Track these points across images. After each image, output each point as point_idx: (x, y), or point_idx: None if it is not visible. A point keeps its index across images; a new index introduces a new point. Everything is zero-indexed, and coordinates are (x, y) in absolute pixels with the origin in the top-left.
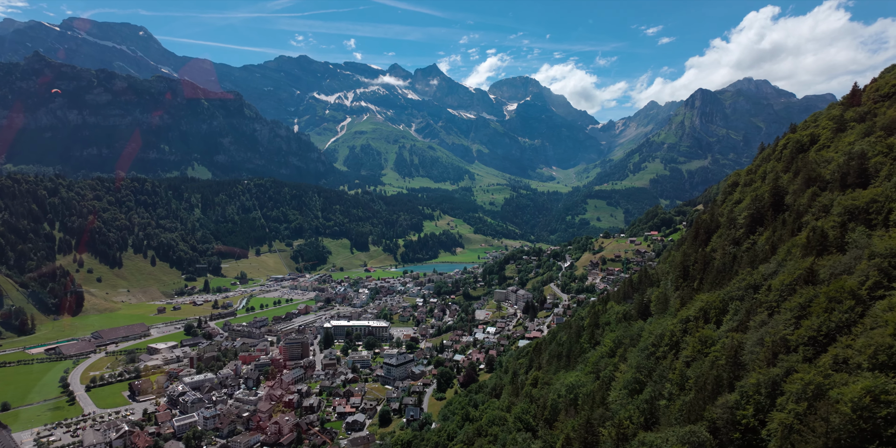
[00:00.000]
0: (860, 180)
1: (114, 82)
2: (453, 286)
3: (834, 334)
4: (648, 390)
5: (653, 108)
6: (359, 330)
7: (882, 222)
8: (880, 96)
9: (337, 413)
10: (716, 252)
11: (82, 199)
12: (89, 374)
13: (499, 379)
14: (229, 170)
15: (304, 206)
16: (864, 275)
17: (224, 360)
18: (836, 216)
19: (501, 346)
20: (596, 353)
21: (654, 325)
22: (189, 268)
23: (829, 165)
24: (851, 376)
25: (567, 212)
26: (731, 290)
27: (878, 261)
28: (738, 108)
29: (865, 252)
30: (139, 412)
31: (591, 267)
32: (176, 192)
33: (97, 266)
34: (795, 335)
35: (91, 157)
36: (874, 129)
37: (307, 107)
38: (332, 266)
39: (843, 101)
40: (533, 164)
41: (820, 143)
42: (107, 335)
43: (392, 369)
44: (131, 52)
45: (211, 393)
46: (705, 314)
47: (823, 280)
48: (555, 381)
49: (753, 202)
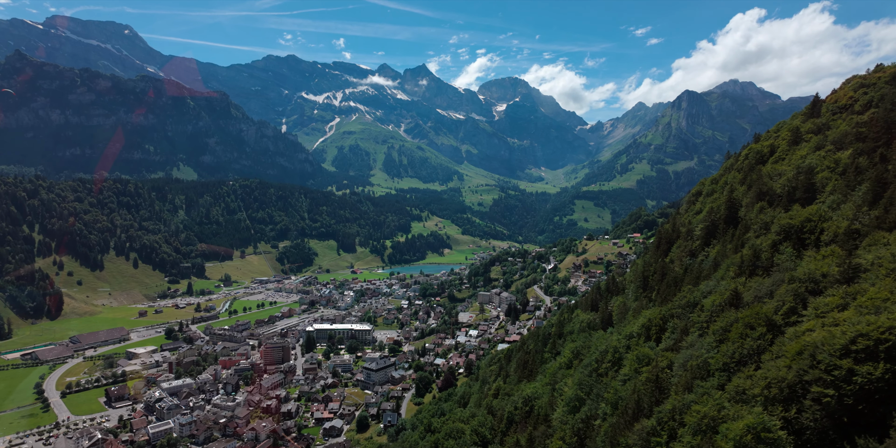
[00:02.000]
0: (808, 195)
1: (97, 81)
2: (439, 288)
3: (746, 361)
4: (584, 409)
5: (640, 109)
6: (341, 333)
7: (814, 242)
8: (838, 108)
9: (315, 419)
10: (674, 263)
11: (63, 201)
12: (65, 380)
13: (468, 386)
14: (215, 170)
15: (291, 208)
16: (782, 300)
17: (204, 364)
18: (774, 234)
19: (481, 350)
20: (555, 364)
21: (600, 340)
22: (172, 270)
23: (780, 179)
24: (746, 409)
25: (555, 213)
26: (672, 307)
27: (796, 286)
28: (724, 110)
29: (786, 275)
30: (115, 419)
31: (573, 269)
32: (159, 194)
33: (78, 269)
34: (714, 360)
35: (74, 158)
36: (825, 142)
37: (295, 107)
38: (319, 268)
39: (806, 111)
40: (522, 164)
41: (776, 156)
42: (85, 339)
43: (372, 374)
44: (116, 51)
45: (189, 399)
46: (647, 330)
47: (747, 303)
48: (515, 392)
49: (709, 214)
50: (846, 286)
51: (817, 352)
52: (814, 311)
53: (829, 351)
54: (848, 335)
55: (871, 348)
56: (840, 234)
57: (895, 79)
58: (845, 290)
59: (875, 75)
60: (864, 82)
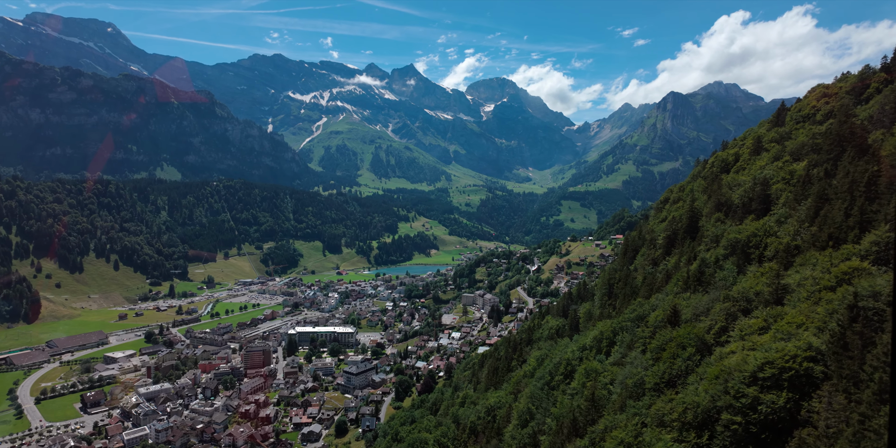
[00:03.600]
0: (763, 207)
1: (79, 80)
2: (424, 289)
3: (675, 382)
4: (532, 424)
5: (626, 111)
6: (324, 336)
7: (758, 258)
8: (802, 117)
9: (293, 424)
10: (637, 271)
11: (42, 202)
12: (41, 386)
13: (440, 393)
14: (200, 171)
15: (276, 208)
16: (714, 319)
17: (183, 368)
18: (722, 248)
19: (462, 353)
20: (519, 372)
21: (557, 351)
22: (154, 272)
23: (739, 190)
24: (663, 434)
25: (542, 213)
26: (623, 320)
27: (729, 305)
28: (709, 111)
29: (722, 293)
30: (90, 425)
31: (556, 271)
32: (141, 195)
33: (57, 271)
34: (648, 379)
35: (54, 158)
36: (783, 153)
37: (282, 106)
38: (304, 269)
39: (773, 118)
40: (509, 164)
41: (738, 165)
42: (62, 344)
43: (352, 378)
44: (99, 50)
45: (166, 404)
46: (599, 343)
47: (686, 320)
48: (481, 401)
49: (670, 224)
50: (770, 308)
51: (729, 378)
52: (739, 332)
53: (740, 378)
54: (757, 361)
55: (776, 376)
56: (780, 251)
57: (855, 89)
58: (769, 311)
59: (837, 85)
60: (827, 92)
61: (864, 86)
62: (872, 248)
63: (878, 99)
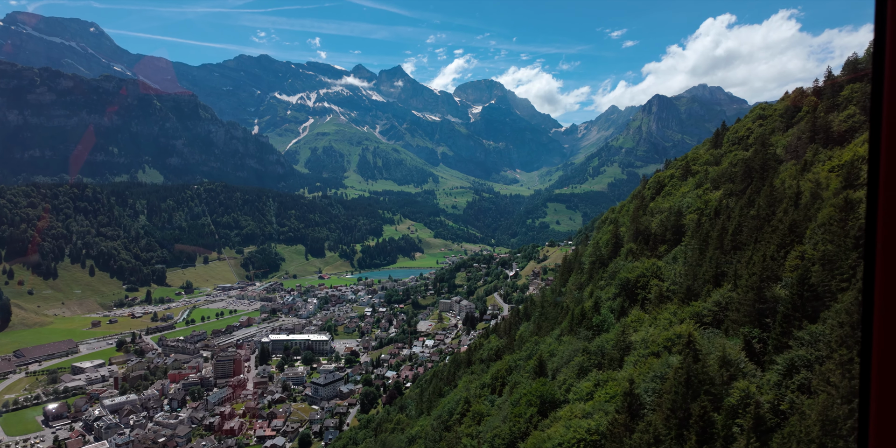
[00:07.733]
0: (675, 238)
1: (59, 81)
2: (404, 294)
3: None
4: None
5: (613, 113)
6: (298, 344)
7: (641, 302)
8: (737, 138)
9: (257, 436)
10: (564, 296)
11: (15, 207)
12: (3, 398)
13: (386, 412)
14: (183, 173)
15: (258, 212)
16: (567, 374)
17: (152, 378)
18: (614, 287)
19: (431, 363)
20: (447, 398)
21: (459, 388)
22: (131, 277)
23: (659, 217)
24: None
25: (528, 215)
26: (518, 358)
27: (584, 359)
28: (693, 114)
29: (582, 345)
30: (49, 439)
31: (533, 276)
32: (119, 198)
33: (29, 277)
34: (500, 435)
35: (33, 160)
36: (705, 180)
37: (268, 107)
38: (285, 273)
39: (713, 138)
40: (497, 166)
41: (666, 190)
42: (30, 353)
43: (319, 389)
44: (81, 49)
45: (130, 416)
46: (494, 382)
47: (551, 371)
48: (408, 428)
49: (594, 249)
50: (603, 371)
51: None
52: (574, 395)
53: None
54: (554, 442)
55: None
56: (653, 298)
57: (788, 111)
58: (600, 376)
59: (772, 107)
60: (763, 113)
61: (796, 108)
62: (713, 307)
63: (801, 127)
